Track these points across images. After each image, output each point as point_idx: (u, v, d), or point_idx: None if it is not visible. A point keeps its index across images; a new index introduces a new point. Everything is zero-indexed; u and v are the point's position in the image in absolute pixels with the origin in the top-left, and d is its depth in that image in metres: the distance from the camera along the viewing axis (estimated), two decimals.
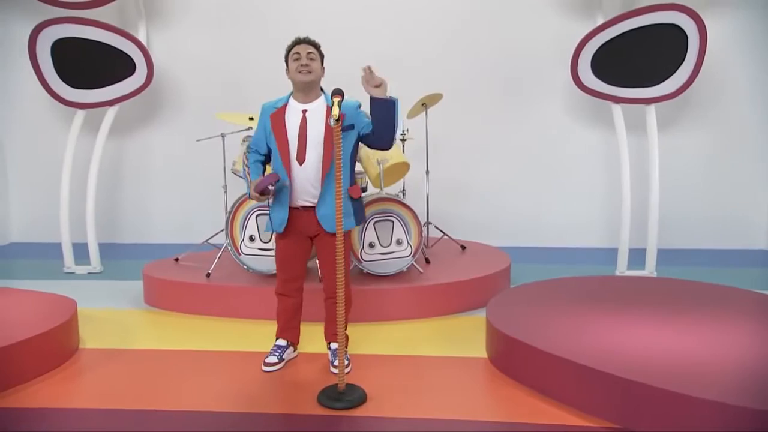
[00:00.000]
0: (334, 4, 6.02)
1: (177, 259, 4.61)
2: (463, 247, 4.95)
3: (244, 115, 4.55)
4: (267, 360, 3.09)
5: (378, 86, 2.72)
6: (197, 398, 2.77)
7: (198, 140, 4.85)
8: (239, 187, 5.36)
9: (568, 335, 2.90)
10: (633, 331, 2.94)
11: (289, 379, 3.00)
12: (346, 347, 3.14)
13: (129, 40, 5.28)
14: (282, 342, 3.17)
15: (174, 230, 6.33)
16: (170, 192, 6.40)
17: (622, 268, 4.93)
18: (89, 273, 5.24)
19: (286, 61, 2.93)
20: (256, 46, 6.07)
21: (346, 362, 3.01)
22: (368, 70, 2.70)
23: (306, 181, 2.86)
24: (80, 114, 5.41)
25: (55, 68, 5.27)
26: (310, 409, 2.66)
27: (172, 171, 6.37)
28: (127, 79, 5.35)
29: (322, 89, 2.97)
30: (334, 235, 2.76)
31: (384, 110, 2.75)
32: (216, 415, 2.62)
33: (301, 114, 2.88)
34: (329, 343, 3.15)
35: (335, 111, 2.54)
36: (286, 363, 3.14)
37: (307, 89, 2.89)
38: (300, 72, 2.84)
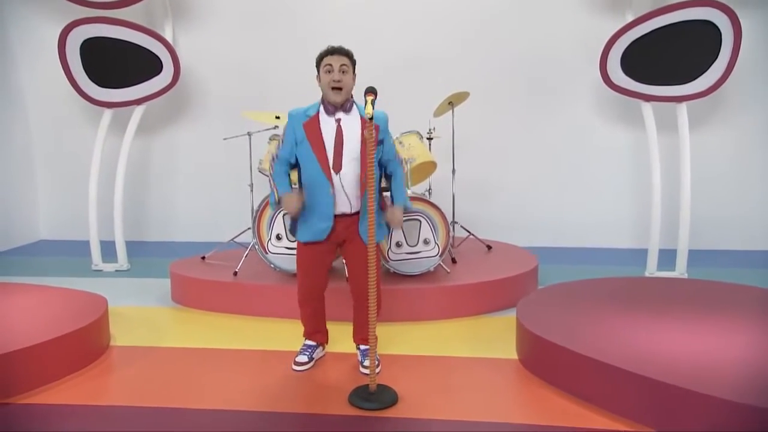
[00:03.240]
0: (361, 3, 6.00)
1: (204, 258, 4.63)
2: (489, 247, 4.91)
3: (271, 114, 4.55)
4: (297, 359, 3.09)
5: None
6: (227, 396, 2.78)
7: (225, 139, 4.86)
8: (266, 186, 5.37)
9: (600, 337, 2.86)
10: (665, 333, 2.89)
11: (319, 378, 2.99)
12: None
13: (156, 39, 5.32)
14: (311, 342, 3.17)
15: (199, 228, 6.37)
16: (195, 190, 6.44)
17: (651, 269, 4.84)
18: (116, 270, 5.29)
19: (317, 67, 2.87)
20: (281, 45, 6.08)
21: (376, 363, 2.99)
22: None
23: (342, 191, 2.84)
24: (108, 113, 5.47)
25: (84, 67, 5.33)
26: (341, 409, 2.65)
27: (197, 169, 6.41)
28: (154, 78, 5.40)
29: (354, 101, 2.92)
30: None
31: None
32: (245, 414, 2.62)
33: (336, 123, 2.84)
34: (358, 345, 3.13)
35: (369, 109, 2.52)
36: (315, 362, 3.15)
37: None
38: (333, 89, 2.80)
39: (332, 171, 2.82)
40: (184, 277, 4.20)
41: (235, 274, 4.13)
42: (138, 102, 5.45)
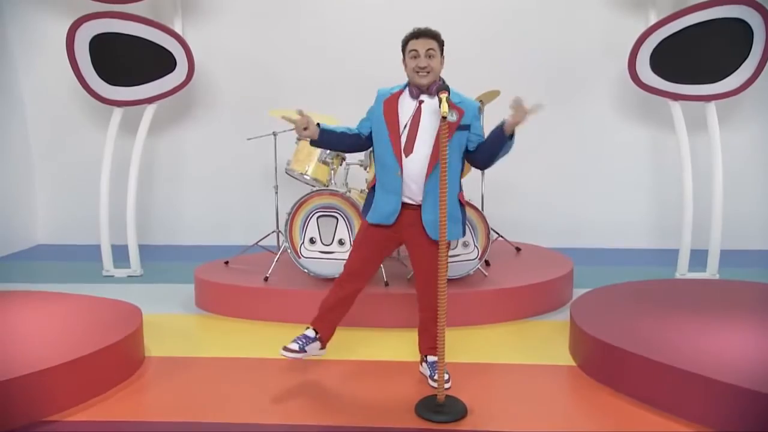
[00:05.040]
0: (380, 1, 5.84)
1: (227, 262, 4.45)
2: (518, 249, 4.82)
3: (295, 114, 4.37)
4: (289, 345, 2.77)
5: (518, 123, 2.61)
6: (283, 410, 2.63)
7: (249, 139, 4.67)
8: (291, 188, 5.19)
9: (664, 340, 2.80)
10: (722, 334, 2.86)
11: (377, 389, 2.84)
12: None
13: (170, 35, 5.11)
14: (311, 333, 2.83)
15: (208, 231, 6.16)
16: (204, 192, 6.22)
17: (682, 270, 4.78)
18: (129, 276, 5.07)
19: (403, 51, 2.70)
20: (292, 42, 5.91)
21: (447, 376, 2.79)
22: (519, 103, 2.60)
23: (408, 176, 2.65)
24: (117, 112, 5.24)
25: (94, 65, 5.10)
26: (409, 421, 2.52)
27: (205, 171, 6.18)
28: (167, 76, 5.18)
29: (444, 82, 2.72)
30: (436, 243, 2.57)
31: (503, 144, 2.67)
32: (308, 428, 2.48)
33: (417, 104, 2.68)
34: (426, 356, 2.92)
35: (444, 107, 2.40)
36: (306, 357, 2.81)
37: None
38: (418, 73, 2.64)
39: (403, 153, 2.64)
40: (212, 282, 4.02)
41: (266, 279, 3.97)
42: (150, 100, 5.24)
